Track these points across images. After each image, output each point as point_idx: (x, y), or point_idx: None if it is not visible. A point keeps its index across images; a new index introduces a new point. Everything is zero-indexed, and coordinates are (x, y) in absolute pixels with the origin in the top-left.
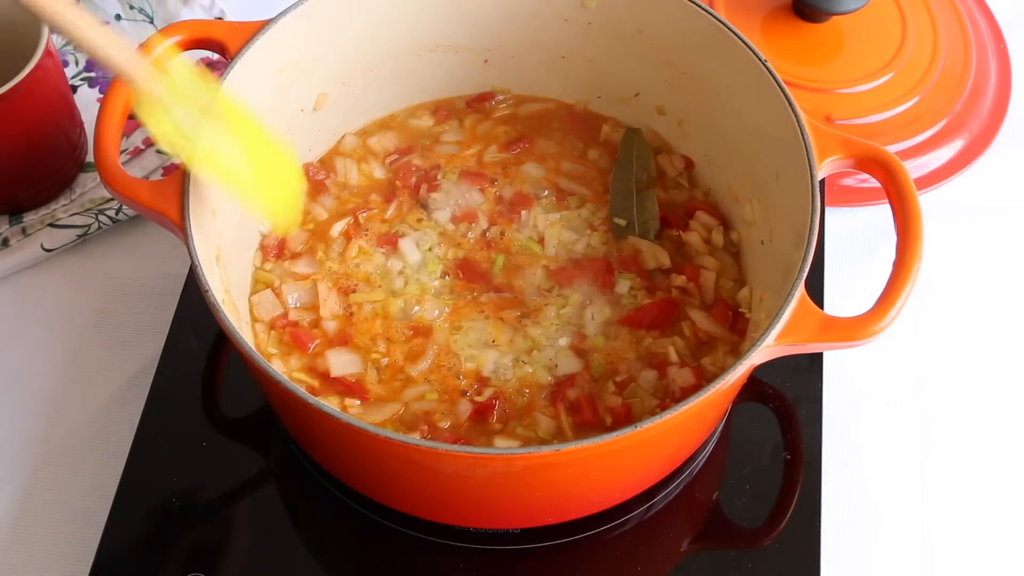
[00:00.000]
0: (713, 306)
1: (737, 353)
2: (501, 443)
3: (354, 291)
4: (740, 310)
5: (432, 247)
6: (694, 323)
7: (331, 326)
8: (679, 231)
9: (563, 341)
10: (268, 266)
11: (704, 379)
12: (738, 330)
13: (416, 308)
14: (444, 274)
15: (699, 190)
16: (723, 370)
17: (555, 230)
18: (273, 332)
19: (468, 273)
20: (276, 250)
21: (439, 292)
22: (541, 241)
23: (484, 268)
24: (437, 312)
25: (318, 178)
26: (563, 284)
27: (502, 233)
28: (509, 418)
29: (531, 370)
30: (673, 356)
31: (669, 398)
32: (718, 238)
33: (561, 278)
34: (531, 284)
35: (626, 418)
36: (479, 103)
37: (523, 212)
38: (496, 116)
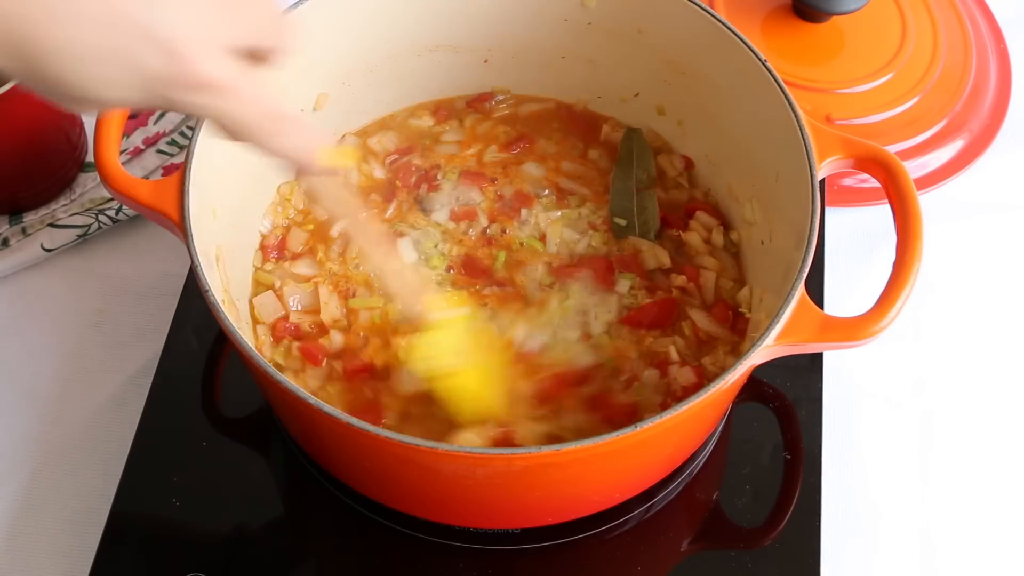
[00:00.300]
0: (713, 306)
1: (737, 353)
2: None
3: (354, 295)
4: (740, 310)
5: (437, 243)
6: (694, 323)
7: (337, 340)
8: (679, 231)
9: (572, 335)
10: (268, 267)
11: (705, 378)
12: (738, 330)
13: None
14: (448, 268)
15: (699, 190)
16: (723, 370)
17: (556, 228)
18: (282, 344)
19: (470, 269)
20: (276, 251)
21: (441, 283)
22: (542, 239)
23: (486, 264)
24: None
25: None
26: (564, 280)
27: (503, 230)
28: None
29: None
30: (674, 355)
31: (671, 397)
32: (718, 238)
33: (562, 274)
34: (532, 279)
35: (633, 415)
36: (479, 103)
37: (523, 210)
38: (496, 116)
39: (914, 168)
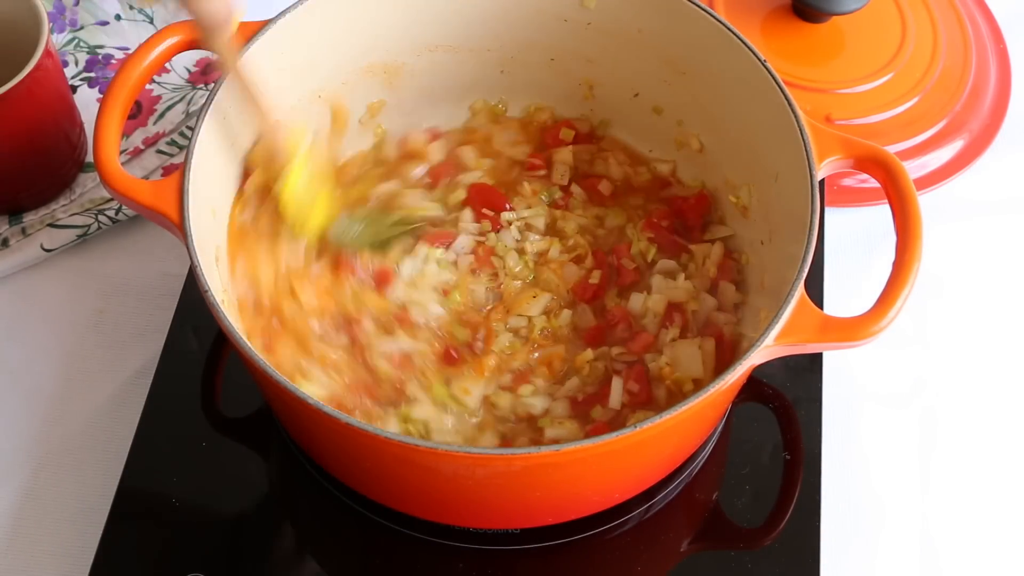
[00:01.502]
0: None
1: (739, 316)
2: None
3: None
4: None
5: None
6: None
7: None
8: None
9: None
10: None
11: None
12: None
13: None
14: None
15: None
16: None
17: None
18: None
19: (454, 358)
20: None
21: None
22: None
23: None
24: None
25: None
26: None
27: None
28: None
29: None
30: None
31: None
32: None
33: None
34: (514, 266)
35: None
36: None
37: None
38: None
39: (914, 168)
